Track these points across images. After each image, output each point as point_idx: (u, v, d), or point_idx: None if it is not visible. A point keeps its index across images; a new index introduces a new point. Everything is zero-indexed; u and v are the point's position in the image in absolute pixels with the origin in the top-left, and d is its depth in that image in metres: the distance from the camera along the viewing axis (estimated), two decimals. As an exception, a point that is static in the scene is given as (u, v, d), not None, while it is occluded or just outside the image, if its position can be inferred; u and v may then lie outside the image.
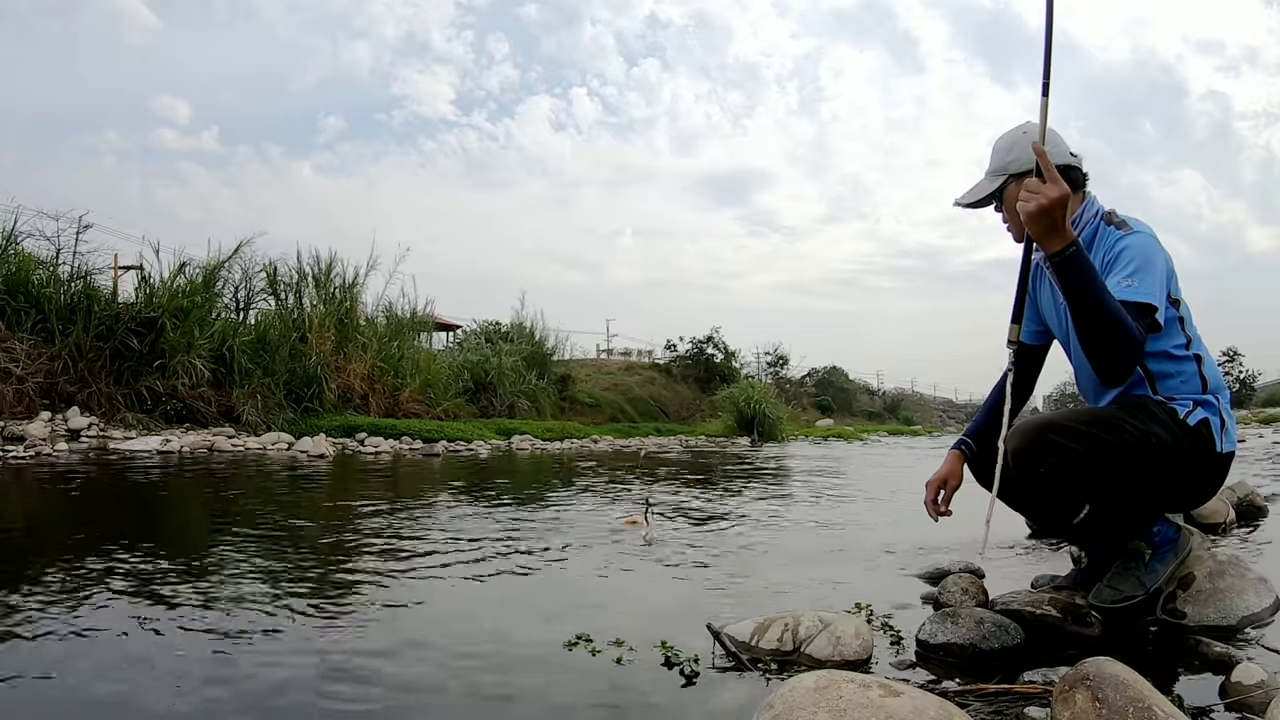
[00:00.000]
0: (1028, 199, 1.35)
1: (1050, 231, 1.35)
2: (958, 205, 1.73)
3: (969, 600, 1.72)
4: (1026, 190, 1.36)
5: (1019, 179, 1.64)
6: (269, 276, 10.00)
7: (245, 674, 1.34)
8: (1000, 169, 1.67)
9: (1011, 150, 1.66)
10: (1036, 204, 1.34)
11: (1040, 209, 1.33)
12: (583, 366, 20.14)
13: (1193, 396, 1.57)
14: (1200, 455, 1.55)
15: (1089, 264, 1.37)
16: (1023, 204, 1.36)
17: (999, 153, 1.69)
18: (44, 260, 8.16)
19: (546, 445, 10.24)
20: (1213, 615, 1.57)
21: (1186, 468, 1.55)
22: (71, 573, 2.02)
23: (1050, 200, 1.32)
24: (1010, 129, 1.72)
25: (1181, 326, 1.60)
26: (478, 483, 5.20)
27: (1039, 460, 1.49)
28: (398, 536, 2.80)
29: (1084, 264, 1.36)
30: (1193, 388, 1.58)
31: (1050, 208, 1.33)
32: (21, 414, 6.99)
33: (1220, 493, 2.91)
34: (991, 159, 1.71)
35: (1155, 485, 1.57)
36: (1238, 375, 37.11)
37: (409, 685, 1.31)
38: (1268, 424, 17.78)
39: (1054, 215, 1.34)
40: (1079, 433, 1.48)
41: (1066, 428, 1.49)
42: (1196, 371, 1.59)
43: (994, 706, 1.16)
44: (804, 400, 28.04)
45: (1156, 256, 1.53)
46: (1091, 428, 1.49)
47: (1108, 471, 1.50)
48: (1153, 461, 1.51)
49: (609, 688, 1.30)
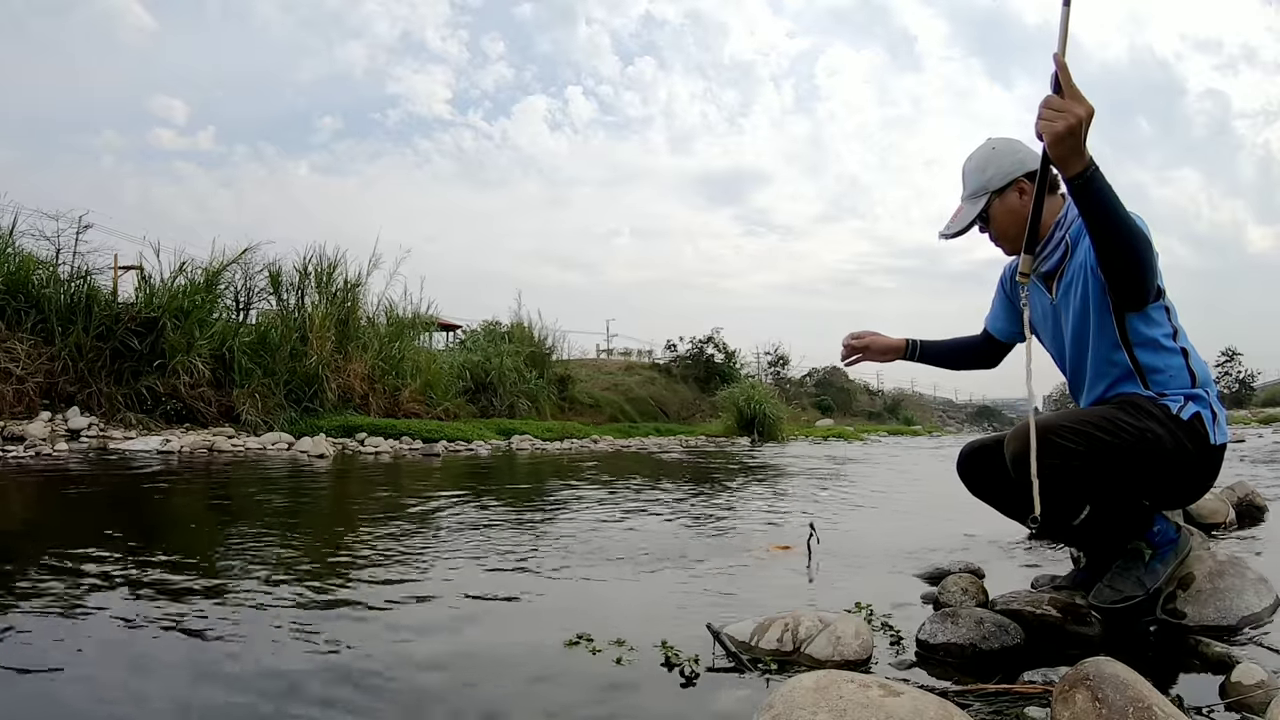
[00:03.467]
0: (1053, 118, 1.29)
1: (1075, 153, 1.30)
2: (945, 237, 1.74)
3: (969, 600, 1.73)
4: (1049, 109, 1.29)
5: (1001, 194, 1.66)
6: (271, 277, 10.00)
7: (245, 673, 1.34)
8: (981, 189, 1.68)
9: (986, 168, 1.68)
10: (1065, 123, 1.27)
11: (1068, 128, 1.27)
12: (583, 366, 20.15)
13: (1183, 391, 1.58)
14: (1196, 449, 1.55)
15: (1106, 183, 1.33)
16: (1048, 123, 1.29)
17: (973, 174, 1.70)
18: (44, 260, 8.17)
19: (546, 445, 10.24)
20: (1212, 615, 1.57)
21: (1184, 462, 1.55)
22: (71, 573, 2.02)
23: (1078, 118, 1.27)
24: (977, 149, 1.73)
25: (1168, 316, 1.60)
26: (482, 484, 5.19)
27: (1039, 463, 1.49)
28: (399, 538, 2.80)
29: (1102, 183, 1.33)
30: (1182, 382, 1.58)
31: (1076, 127, 1.27)
32: (21, 414, 6.99)
33: (1220, 493, 2.92)
34: (967, 183, 1.71)
35: (1154, 482, 1.57)
36: (1237, 375, 37.11)
37: (409, 685, 1.31)
38: (1267, 424, 17.78)
39: (1080, 133, 1.28)
40: (1078, 432, 1.49)
41: (1065, 428, 1.49)
42: (1184, 365, 1.59)
43: (994, 706, 1.16)
44: (804, 400, 28.08)
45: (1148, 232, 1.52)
46: (1090, 428, 1.50)
47: (1107, 470, 1.50)
48: (1151, 458, 1.51)
49: (609, 688, 1.30)
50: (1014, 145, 1.70)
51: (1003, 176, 1.66)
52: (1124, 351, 1.60)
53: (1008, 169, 1.67)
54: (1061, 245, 1.64)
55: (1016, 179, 1.66)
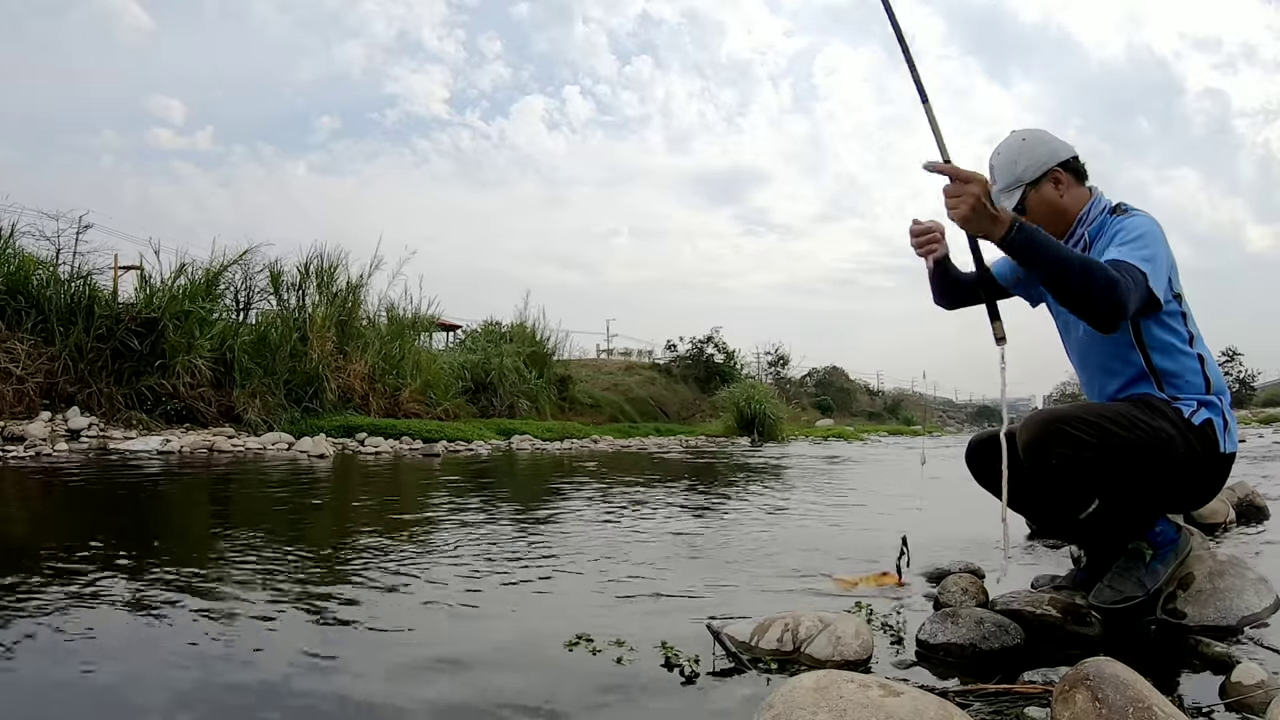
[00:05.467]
0: (955, 204, 1.40)
1: (990, 223, 1.39)
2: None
3: (969, 600, 1.72)
4: (950, 197, 1.40)
5: (1036, 185, 1.64)
6: (272, 276, 10.00)
7: (242, 672, 1.34)
8: (1015, 182, 1.66)
9: (1019, 161, 1.66)
10: (967, 204, 1.38)
11: (971, 207, 1.38)
12: (583, 366, 20.14)
13: (1196, 397, 1.57)
14: (1205, 455, 1.55)
15: (1035, 230, 1.39)
16: (954, 210, 1.40)
17: (1005, 167, 1.68)
18: (44, 260, 8.16)
19: (546, 445, 10.24)
20: (1212, 615, 1.57)
21: (1192, 467, 1.55)
22: (71, 573, 2.02)
23: (975, 195, 1.37)
24: (1003, 142, 1.71)
25: (1184, 322, 1.60)
26: (481, 484, 5.19)
27: (1050, 452, 1.48)
28: (401, 539, 2.80)
29: (1031, 233, 1.39)
30: (1196, 387, 1.58)
31: (977, 203, 1.37)
32: (22, 414, 6.99)
33: (1220, 493, 2.92)
34: (999, 177, 1.68)
35: (1162, 482, 1.57)
36: (1238, 375, 37.06)
37: (408, 684, 1.31)
38: (1268, 424, 17.78)
39: (984, 207, 1.38)
40: (1091, 424, 1.48)
41: (1079, 419, 1.49)
42: (1200, 370, 1.59)
43: (994, 706, 1.16)
44: (804, 400, 28.07)
45: (1155, 231, 1.54)
46: (1104, 421, 1.49)
47: (1118, 466, 1.49)
48: (1161, 458, 1.51)
49: (609, 688, 1.30)
50: (1043, 136, 1.69)
51: (1038, 167, 1.64)
52: (1139, 353, 1.59)
53: (1042, 159, 1.65)
54: (1080, 242, 1.64)
55: (1051, 169, 1.64)
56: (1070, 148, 1.66)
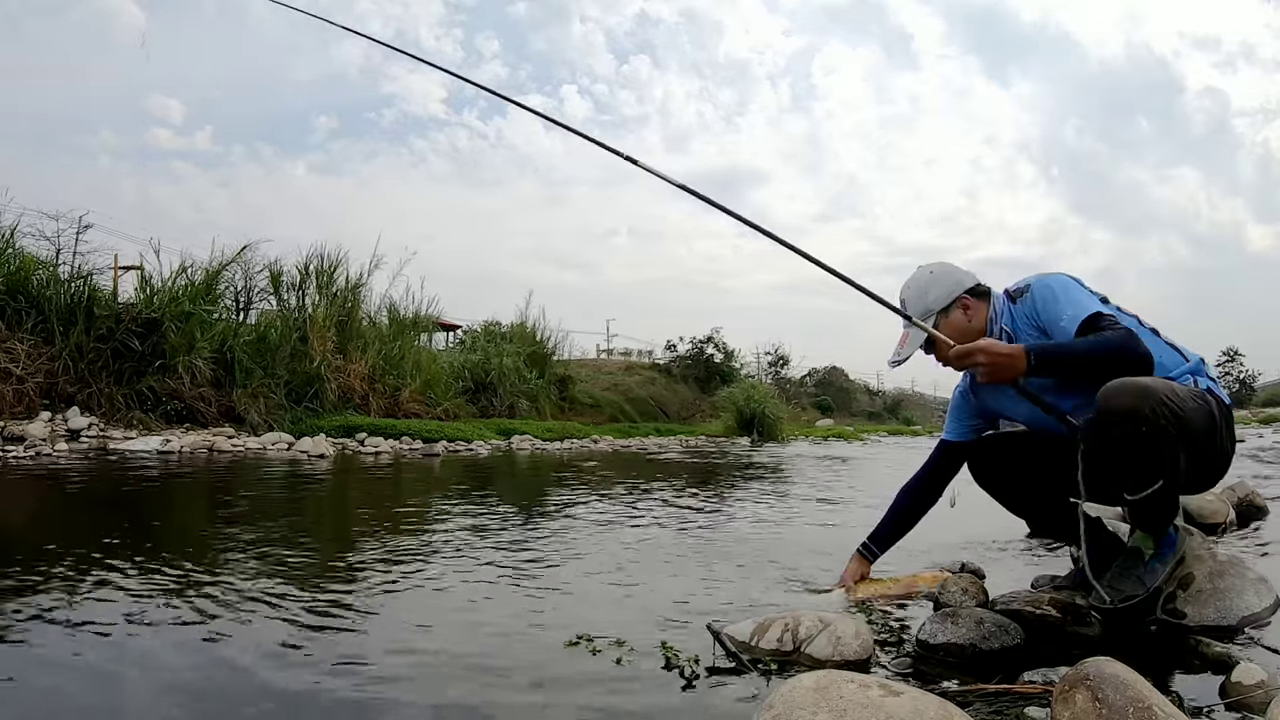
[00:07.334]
0: (983, 372, 1.53)
1: (1010, 369, 1.50)
2: (895, 364, 1.80)
3: (969, 600, 1.73)
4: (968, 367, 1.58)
5: (946, 313, 1.76)
6: (272, 276, 9.99)
7: (241, 672, 1.34)
8: (926, 311, 1.76)
9: (929, 291, 1.78)
10: (988, 370, 1.51)
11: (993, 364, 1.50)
12: (583, 366, 20.13)
13: (1183, 370, 1.60)
14: (1224, 416, 1.55)
15: (1042, 346, 1.52)
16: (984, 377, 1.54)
17: (916, 299, 1.78)
18: (44, 260, 8.15)
19: (546, 446, 10.23)
20: (1213, 615, 1.57)
21: (1225, 431, 1.56)
22: (70, 573, 2.02)
23: (990, 356, 1.50)
24: (912, 276, 1.84)
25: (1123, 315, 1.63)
26: (481, 484, 5.19)
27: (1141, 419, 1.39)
28: (400, 540, 2.80)
29: (1042, 350, 1.51)
30: (1177, 361, 1.62)
31: (994, 361, 1.50)
32: (21, 414, 6.98)
33: (1220, 493, 2.92)
34: (911, 307, 1.77)
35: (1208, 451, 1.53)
36: (1238, 375, 37.12)
37: (409, 685, 1.31)
38: (1268, 424, 17.78)
39: (999, 359, 1.49)
40: (1172, 392, 1.42)
41: (1164, 386, 1.43)
42: (1170, 348, 1.63)
43: (994, 706, 1.16)
44: (804, 400, 28.08)
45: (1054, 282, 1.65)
46: (1175, 392, 1.44)
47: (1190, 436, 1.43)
48: (1212, 426, 1.51)
49: (609, 688, 1.30)
50: (949, 267, 1.82)
51: (946, 296, 1.76)
52: None
53: (949, 288, 1.77)
54: (1005, 338, 1.70)
55: (958, 297, 1.76)
56: (973, 276, 1.79)
